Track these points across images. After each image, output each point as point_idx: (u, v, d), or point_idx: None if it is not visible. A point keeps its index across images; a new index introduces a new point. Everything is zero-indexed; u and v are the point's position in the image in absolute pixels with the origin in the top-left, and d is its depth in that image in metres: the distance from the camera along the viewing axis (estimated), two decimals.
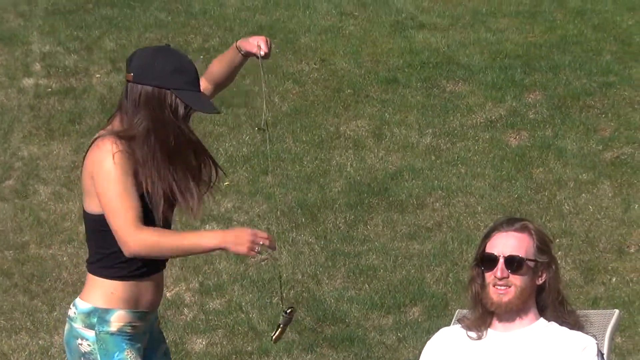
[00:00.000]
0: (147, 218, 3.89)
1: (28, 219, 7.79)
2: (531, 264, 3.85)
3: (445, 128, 8.61)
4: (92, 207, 3.93)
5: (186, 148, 3.96)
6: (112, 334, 3.91)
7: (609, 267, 6.78)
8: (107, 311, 3.91)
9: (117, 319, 3.92)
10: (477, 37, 10.12)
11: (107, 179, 3.80)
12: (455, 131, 8.56)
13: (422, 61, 9.61)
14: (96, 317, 3.90)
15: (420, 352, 4.04)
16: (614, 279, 6.67)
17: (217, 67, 4.37)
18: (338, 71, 9.50)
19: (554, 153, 8.14)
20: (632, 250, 6.96)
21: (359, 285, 6.90)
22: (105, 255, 3.95)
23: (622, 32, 9.98)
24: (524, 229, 3.90)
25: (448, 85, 9.28)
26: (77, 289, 6.82)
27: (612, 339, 4.12)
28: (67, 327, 3.98)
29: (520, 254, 3.84)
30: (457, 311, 4.28)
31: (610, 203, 7.47)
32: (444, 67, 9.53)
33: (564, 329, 3.87)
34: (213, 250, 4.00)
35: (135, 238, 3.81)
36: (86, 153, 3.94)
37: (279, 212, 7.63)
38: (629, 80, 9.05)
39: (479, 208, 7.52)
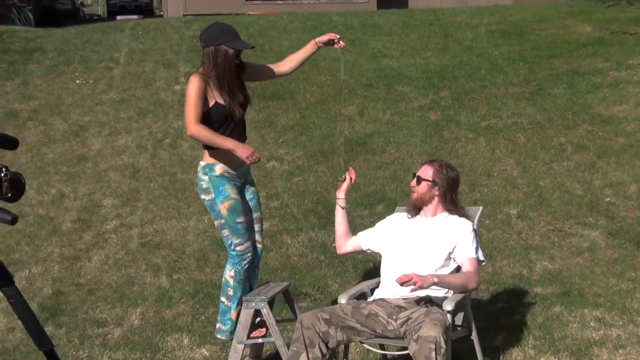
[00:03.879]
0: (225, 119, 3.77)
1: (176, 159, 7.67)
2: (428, 181, 3.69)
3: (396, 110, 8.43)
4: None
5: (230, 76, 3.75)
6: (217, 176, 3.81)
7: (482, 183, 6.62)
8: (213, 164, 3.81)
9: (219, 169, 3.81)
10: (414, 61, 9.99)
11: (187, 94, 3.69)
12: (402, 112, 8.37)
13: (385, 74, 9.49)
14: (208, 168, 3.82)
15: None
16: (485, 189, 6.51)
17: (297, 55, 4.04)
18: (340, 80, 9.35)
19: (454, 123, 7.93)
20: (495, 175, 6.75)
21: (350, 193, 6.57)
22: None
23: (492, 58, 9.84)
24: (432, 163, 3.75)
25: (398, 87, 9.08)
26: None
27: (479, 221, 4.02)
28: (198, 176, 3.88)
29: (423, 176, 3.69)
30: (397, 208, 4.12)
31: (483, 150, 7.27)
32: (396, 77, 9.38)
33: (456, 217, 3.74)
34: (230, 149, 3.71)
35: (192, 127, 3.67)
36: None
37: (308, 156, 7.41)
38: (495, 84, 8.86)
39: (414, 153, 7.31)
